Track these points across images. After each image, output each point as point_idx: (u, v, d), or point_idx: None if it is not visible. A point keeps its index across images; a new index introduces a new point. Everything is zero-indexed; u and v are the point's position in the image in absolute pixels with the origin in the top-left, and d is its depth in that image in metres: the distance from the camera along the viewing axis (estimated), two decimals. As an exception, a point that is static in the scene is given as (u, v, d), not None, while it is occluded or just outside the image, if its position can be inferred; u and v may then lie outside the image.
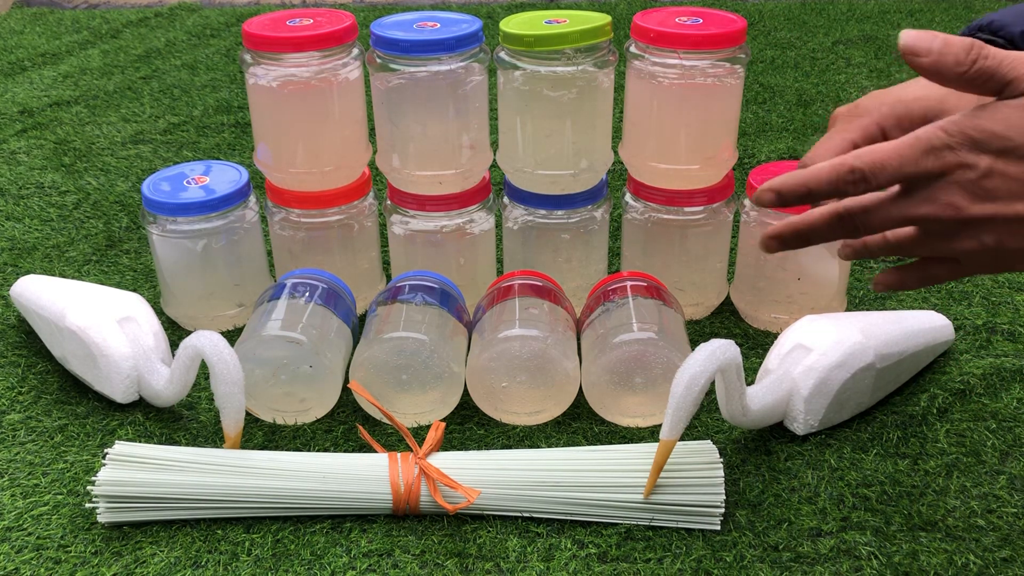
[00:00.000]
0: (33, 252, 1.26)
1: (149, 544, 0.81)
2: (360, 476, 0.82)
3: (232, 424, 0.87)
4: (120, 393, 0.95)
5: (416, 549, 0.80)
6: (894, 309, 1.10)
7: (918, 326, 0.98)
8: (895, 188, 0.56)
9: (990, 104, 0.53)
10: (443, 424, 0.86)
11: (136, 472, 0.82)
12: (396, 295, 0.99)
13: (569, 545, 0.80)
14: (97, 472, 0.82)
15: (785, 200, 0.56)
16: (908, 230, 0.59)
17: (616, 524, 0.82)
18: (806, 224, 0.58)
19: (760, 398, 0.88)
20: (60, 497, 0.86)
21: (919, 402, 0.95)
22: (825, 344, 0.91)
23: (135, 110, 1.71)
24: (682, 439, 0.82)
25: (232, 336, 1.09)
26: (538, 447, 0.91)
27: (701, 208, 1.06)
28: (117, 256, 1.26)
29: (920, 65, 0.53)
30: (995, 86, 0.53)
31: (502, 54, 0.99)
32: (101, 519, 0.82)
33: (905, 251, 0.61)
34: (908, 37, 0.53)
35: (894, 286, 0.64)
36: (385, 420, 0.93)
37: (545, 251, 1.09)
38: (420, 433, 0.92)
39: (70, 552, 0.80)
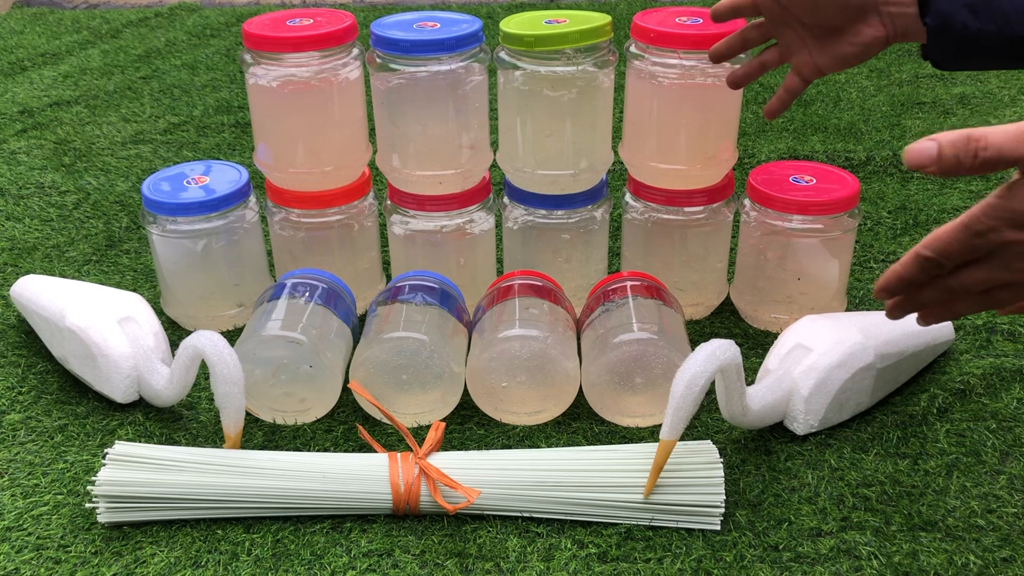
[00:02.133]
0: (33, 252, 1.26)
1: (149, 544, 0.81)
2: (360, 476, 0.82)
3: (232, 424, 0.87)
4: (120, 393, 0.95)
5: (416, 549, 0.80)
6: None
7: (918, 326, 0.97)
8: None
9: (1016, 183, 0.58)
10: (443, 424, 0.86)
11: (136, 472, 0.82)
12: (396, 295, 0.99)
13: (569, 545, 0.80)
14: (97, 472, 0.82)
15: (892, 292, 0.66)
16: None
17: (616, 524, 0.82)
18: (897, 269, 0.65)
19: (760, 398, 0.88)
20: (60, 497, 0.86)
21: (919, 402, 0.95)
22: (825, 344, 0.91)
23: (135, 110, 1.71)
24: (682, 439, 0.82)
25: (232, 336, 1.09)
26: (538, 447, 0.91)
27: (701, 208, 1.06)
28: (117, 256, 1.26)
29: (930, 174, 0.59)
30: (1005, 167, 0.58)
31: (502, 54, 0.99)
32: (101, 519, 0.82)
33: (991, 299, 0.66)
34: (909, 155, 0.59)
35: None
36: (385, 420, 0.93)
37: (545, 251, 1.09)
38: (420, 433, 0.92)
39: (70, 552, 0.80)
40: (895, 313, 0.69)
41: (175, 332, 1.10)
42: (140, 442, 0.92)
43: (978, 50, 0.76)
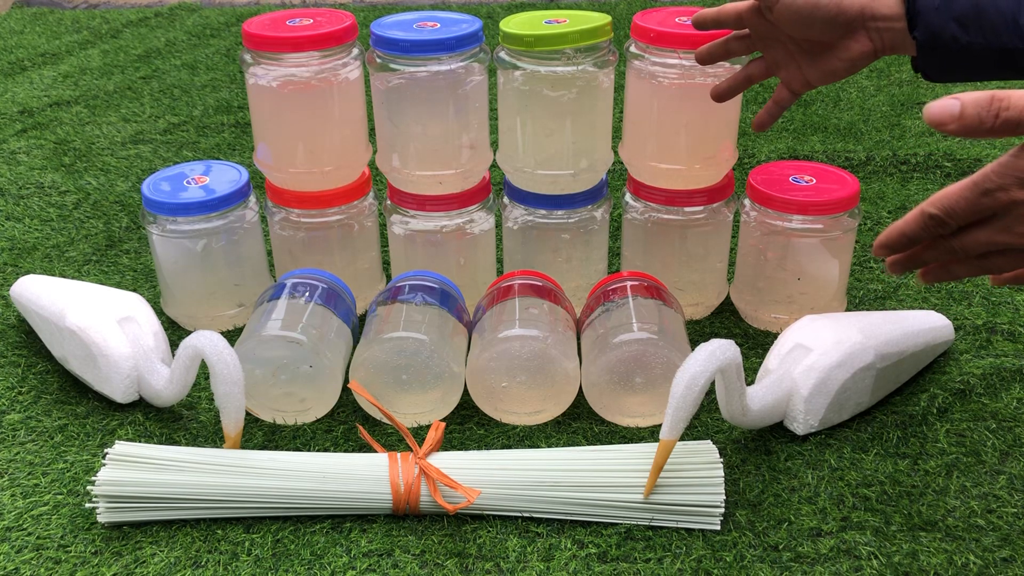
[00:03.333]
0: (33, 252, 1.26)
1: (149, 544, 0.81)
2: (360, 476, 0.82)
3: (232, 424, 0.87)
4: (120, 393, 0.95)
5: (416, 549, 0.80)
6: (894, 309, 1.10)
7: (918, 326, 0.98)
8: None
9: None
10: (443, 424, 0.86)
11: (136, 472, 0.82)
12: (396, 295, 0.99)
13: (569, 545, 0.80)
14: (97, 472, 0.82)
15: (893, 248, 0.66)
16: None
17: (616, 524, 0.82)
18: (900, 226, 0.65)
19: (760, 398, 0.88)
20: (60, 497, 0.86)
21: (919, 402, 0.95)
22: (825, 344, 0.91)
23: (135, 110, 1.71)
24: (682, 439, 0.82)
25: (232, 336, 1.09)
26: (538, 447, 0.91)
27: (701, 208, 1.06)
28: (117, 256, 1.26)
29: (949, 132, 0.59)
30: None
31: (502, 54, 0.99)
32: (101, 519, 0.82)
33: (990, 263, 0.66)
34: (931, 112, 0.58)
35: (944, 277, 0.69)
36: (385, 420, 0.93)
37: (545, 251, 1.09)
38: (420, 433, 0.92)
39: (70, 552, 0.80)
40: (895, 269, 0.69)
41: (175, 332, 1.10)
42: (140, 442, 0.92)
43: (968, 62, 0.76)
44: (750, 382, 0.90)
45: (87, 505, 0.84)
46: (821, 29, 0.82)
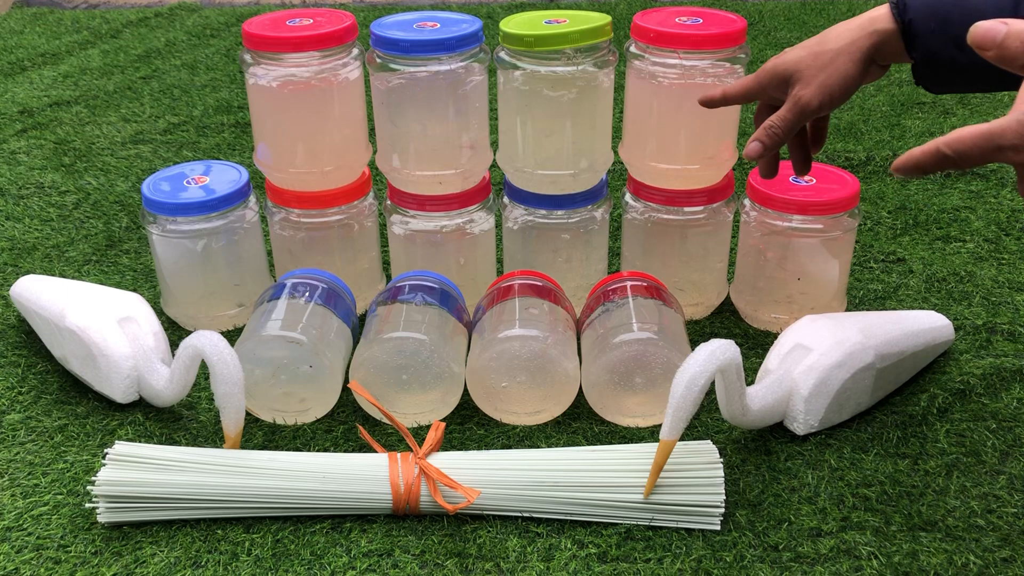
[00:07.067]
0: (33, 252, 1.26)
1: (149, 544, 0.81)
2: (360, 476, 0.82)
3: (232, 424, 0.87)
4: (120, 393, 0.95)
5: (416, 549, 0.80)
6: (894, 309, 1.10)
7: (918, 326, 0.98)
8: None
9: None
10: (443, 424, 0.86)
11: (136, 472, 0.82)
12: (396, 295, 0.99)
13: (569, 545, 0.80)
14: (97, 472, 0.82)
15: (906, 174, 0.64)
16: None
17: (616, 524, 0.82)
18: (916, 156, 0.63)
19: (760, 398, 0.88)
20: (60, 497, 0.86)
21: (919, 402, 0.95)
22: (825, 344, 0.91)
23: (135, 110, 1.71)
24: (682, 439, 0.82)
25: (232, 336, 1.09)
26: (538, 447, 0.91)
27: (701, 208, 1.06)
28: (117, 256, 1.26)
29: (988, 58, 0.57)
30: None
31: (502, 54, 0.99)
32: (101, 519, 0.82)
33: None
34: (976, 33, 0.57)
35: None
36: (385, 420, 0.93)
37: (545, 251, 1.09)
38: (420, 433, 0.92)
39: (70, 552, 0.80)
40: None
41: (175, 332, 1.10)
42: (140, 442, 0.92)
43: (966, 78, 0.77)
44: (750, 382, 0.90)
45: (87, 505, 0.84)
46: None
